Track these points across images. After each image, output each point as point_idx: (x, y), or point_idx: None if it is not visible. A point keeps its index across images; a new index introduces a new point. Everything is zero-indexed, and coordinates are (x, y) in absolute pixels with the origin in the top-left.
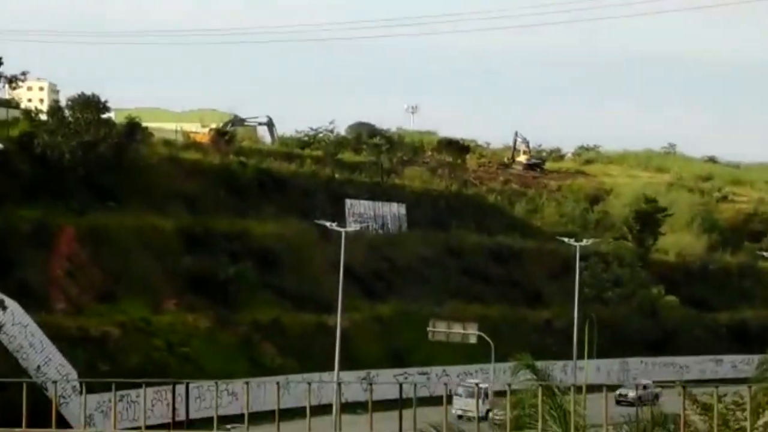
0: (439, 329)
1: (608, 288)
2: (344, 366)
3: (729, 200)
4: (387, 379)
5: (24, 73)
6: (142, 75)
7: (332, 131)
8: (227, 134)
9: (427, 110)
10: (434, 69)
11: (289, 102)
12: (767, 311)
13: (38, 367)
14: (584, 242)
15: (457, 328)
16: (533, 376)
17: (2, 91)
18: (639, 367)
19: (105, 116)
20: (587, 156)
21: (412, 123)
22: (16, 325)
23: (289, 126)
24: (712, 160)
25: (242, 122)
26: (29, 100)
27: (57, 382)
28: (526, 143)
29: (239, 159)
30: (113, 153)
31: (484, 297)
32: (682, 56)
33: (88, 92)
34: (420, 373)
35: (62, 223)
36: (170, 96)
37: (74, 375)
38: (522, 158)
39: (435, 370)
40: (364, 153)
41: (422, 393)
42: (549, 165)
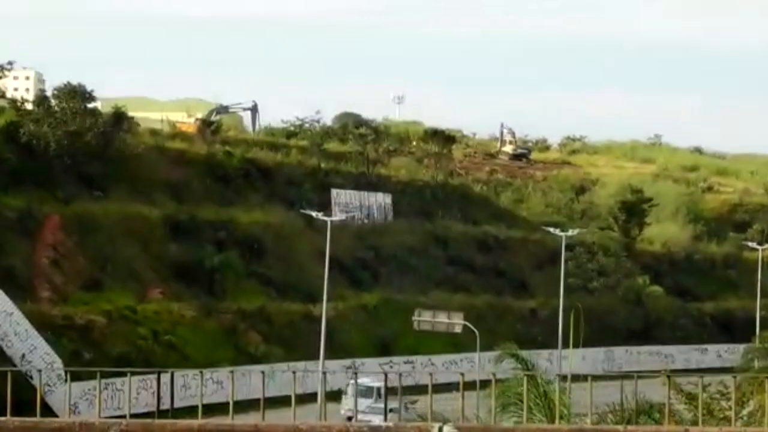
0: (425, 318)
1: (593, 278)
2: (330, 355)
3: (714, 191)
4: (372, 368)
5: (10, 63)
6: (128, 63)
7: (318, 121)
8: (213, 124)
9: (413, 100)
10: (420, 59)
11: (275, 91)
12: (752, 301)
13: (23, 356)
14: (570, 232)
15: (443, 318)
16: (518, 365)
17: None
18: (624, 356)
19: (91, 106)
20: (573, 147)
21: (398, 113)
22: (1, 314)
23: (275, 116)
24: (698, 151)
25: (227, 110)
26: (15, 89)
27: (42, 371)
28: (512, 134)
29: (225, 149)
30: (99, 142)
31: (470, 286)
32: (669, 45)
33: (74, 81)
34: (405, 362)
35: (48, 212)
36: (156, 84)
37: (59, 363)
38: (508, 148)
39: (420, 359)
40: (350, 143)
41: (408, 382)
42: (535, 155)
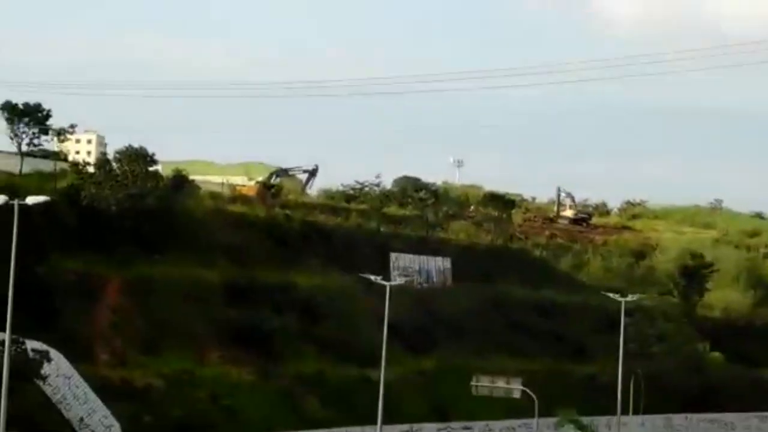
0: (483, 383)
1: (653, 343)
2: (387, 419)
3: None
4: None
5: (72, 126)
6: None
7: (378, 185)
8: (273, 187)
9: (473, 164)
10: (480, 123)
11: (335, 156)
12: None
13: (81, 419)
14: (629, 297)
15: (501, 383)
16: (578, 431)
17: (51, 144)
18: (683, 423)
19: (152, 169)
20: (633, 211)
21: (458, 177)
22: (60, 377)
23: (335, 180)
24: (759, 216)
25: (286, 172)
26: (77, 153)
27: None
28: (571, 197)
29: (285, 212)
30: (160, 205)
31: (529, 351)
32: (729, 111)
33: (136, 144)
34: (464, 428)
35: (107, 275)
36: (216, 147)
37: (117, 427)
38: (568, 213)
39: (478, 425)
40: (410, 207)
41: None
42: (595, 220)
